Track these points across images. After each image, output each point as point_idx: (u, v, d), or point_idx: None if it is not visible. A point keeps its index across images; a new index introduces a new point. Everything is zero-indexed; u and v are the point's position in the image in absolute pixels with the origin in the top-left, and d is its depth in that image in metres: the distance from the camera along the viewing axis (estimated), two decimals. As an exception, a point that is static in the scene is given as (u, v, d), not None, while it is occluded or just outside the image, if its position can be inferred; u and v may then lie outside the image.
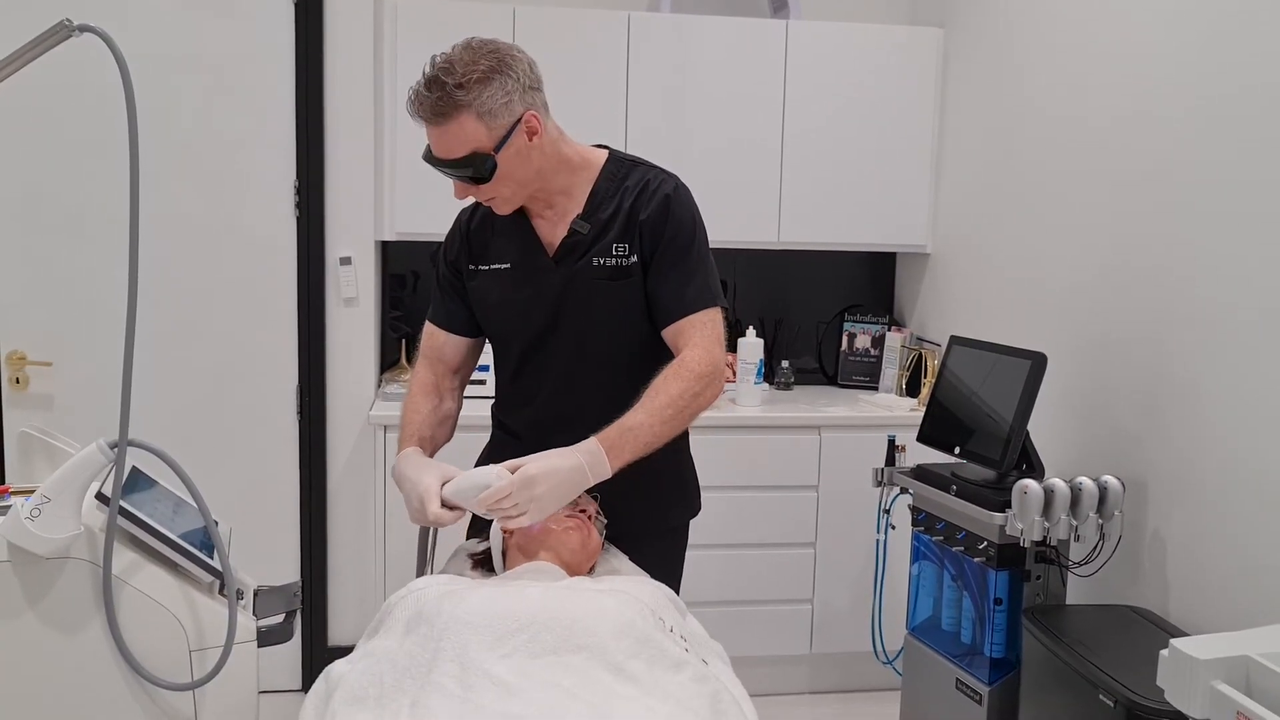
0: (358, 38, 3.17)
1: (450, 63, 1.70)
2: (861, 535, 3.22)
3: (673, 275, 1.87)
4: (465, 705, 1.31)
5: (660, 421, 1.73)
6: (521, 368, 1.98)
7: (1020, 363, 2.47)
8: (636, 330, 1.91)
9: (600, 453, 1.68)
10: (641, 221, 1.87)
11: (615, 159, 1.94)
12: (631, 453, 1.71)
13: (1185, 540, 2.29)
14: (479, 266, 1.96)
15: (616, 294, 1.89)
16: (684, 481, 2.08)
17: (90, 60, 1.76)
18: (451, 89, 1.69)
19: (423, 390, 2.00)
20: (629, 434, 1.71)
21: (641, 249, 1.88)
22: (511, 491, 1.63)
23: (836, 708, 3.32)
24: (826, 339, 3.85)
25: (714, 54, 3.37)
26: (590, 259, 1.88)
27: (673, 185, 1.91)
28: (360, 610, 3.31)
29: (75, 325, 3.10)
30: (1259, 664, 1.48)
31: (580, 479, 1.67)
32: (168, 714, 1.49)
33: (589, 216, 1.89)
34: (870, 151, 3.49)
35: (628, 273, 1.88)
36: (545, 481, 1.64)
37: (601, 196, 1.90)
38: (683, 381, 1.77)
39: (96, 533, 1.45)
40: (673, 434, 1.77)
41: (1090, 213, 2.68)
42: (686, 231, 1.89)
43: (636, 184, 1.90)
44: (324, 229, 3.21)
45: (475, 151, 1.73)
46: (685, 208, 1.90)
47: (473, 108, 1.70)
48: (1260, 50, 2.11)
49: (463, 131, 1.72)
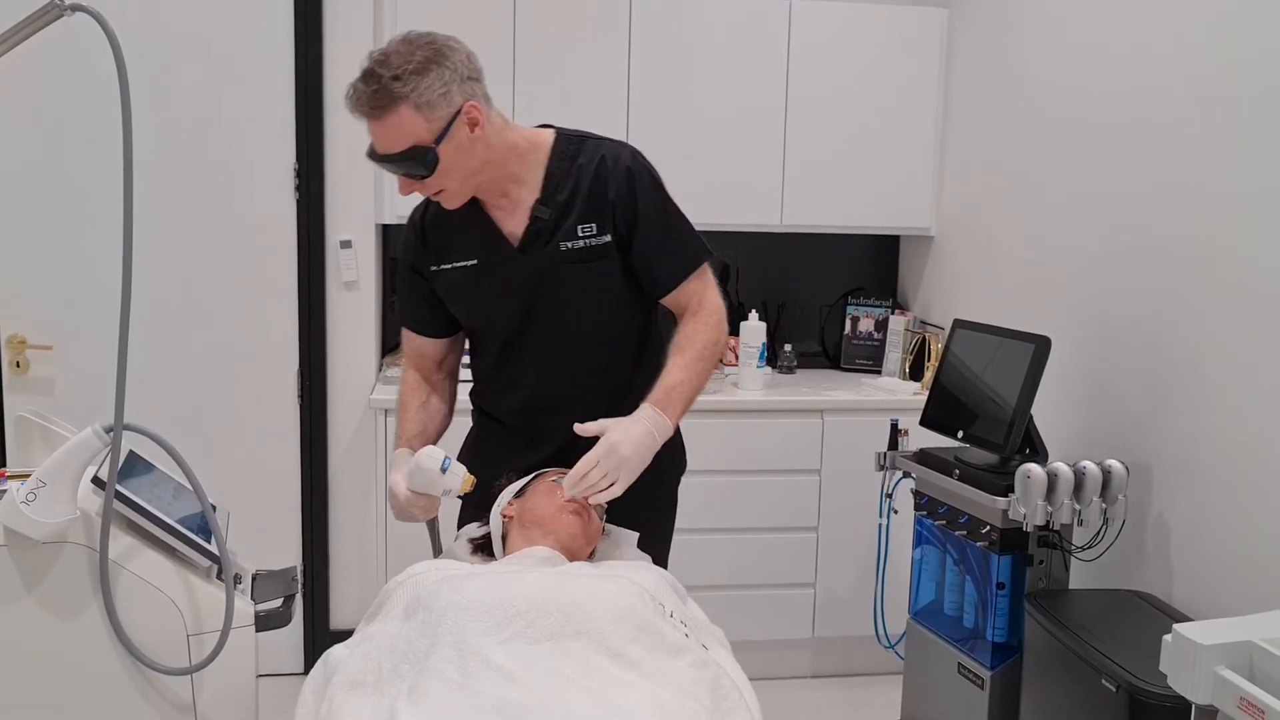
0: (357, 19, 3.15)
1: (386, 55, 1.69)
2: (864, 519, 3.22)
3: (659, 245, 1.89)
4: (463, 691, 1.30)
5: (696, 374, 1.85)
6: (504, 358, 1.97)
7: (1024, 346, 2.45)
8: (617, 307, 1.93)
9: (658, 414, 1.78)
10: (611, 200, 1.86)
11: (563, 137, 1.92)
12: (681, 408, 1.83)
13: (1189, 525, 2.28)
14: (441, 266, 1.94)
15: (591, 275, 1.88)
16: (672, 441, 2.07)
17: (91, 43, 1.74)
18: (388, 81, 1.67)
19: (409, 391, 2.02)
20: (674, 391, 1.82)
21: (616, 228, 1.87)
22: (599, 461, 1.70)
23: (838, 692, 3.32)
24: (829, 322, 3.84)
25: (717, 34, 3.34)
26: (557, 244, 1.87)
27: (629, 155, 1.90)
28: (361, 594, 3.31)
29: (76, 309, 3.09)
30: (1263, 649, 1.47)
31: (652, 441, 1.76)
32: (166, 698, 1.49)
33: (547, 201, 1.87)
34: (874, 134, 3.46)
35: (601, 253, 1.88)
36: (628, 445, 1.72)
37: (557, 179, 1.88)
38: (707, 330, 1.89)
39: (93, 517, 1.45)
40: (705, 383, 1.89)
41: (1094, 196, 2.66)
42: (658, 199, 1.90)
43: (590, 160, 1.88)
44: (324, 212, 3.20)
45: (416, 145, 1.71)
46: (647, 174, 1.91)
47: (410, 99, 1.68)
48: (1263, 40, 2.08)
49: (402, 125, 1.69)
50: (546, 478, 1.81)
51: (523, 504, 1.77)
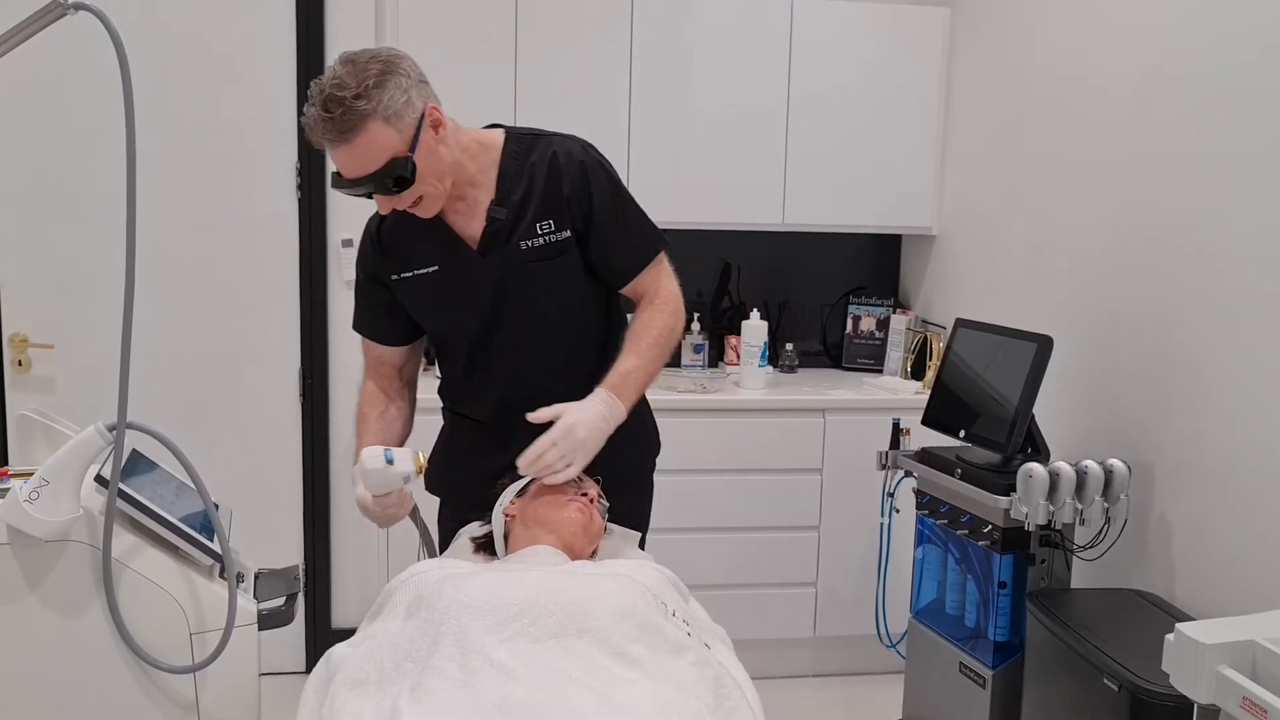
0: (359, 18, 3.14)
1: (340, 79, 1.66)
2: (865, 519, 3.21)
3: (614, 236, 1.91)
4: (466, 689, 1.30)
5: (650, 360, 1.88)
6: (472, 361, 1.96)
7: (1026, 345, 2.45)
8: (582, 301, 1.94)
9: (612, 398, 1.80)
10: (567, 196, 1.87)
11: (513, 136, 1.92)
12: (634, 393, 1.84)
13: (1191, 524, 2.28)
14: (402, 274, 1.93)
15: (553, 272, 1.89)
16: (645, 426, 2.09)
17: (94, 42, 1.74)
18: (351, 101, 1.65)
19: (368, 403, 2.01)
20: (629, 377, 1.84)
21: (574, 222, 1.88)
22: (556, 443, 1.71)
23: (840, 691, 3.32)
24: (831, 321, 3.84)
25: (718, 33, 3.34)
26: (516, 243, 1.87)
27: (581, 148, 1.91)
28: (363, 593, 3.31)
29: (78, 308, 3.09)
30: (1265, 649, 1.47)
31: (606, 425, 1.78)
32: (169, 696, 1.49)
33: (502, 201, 1.87)
34: (876, 133, 3.46)
35: (561, 249, 1.88)
36: (584, 428, 1.74)
37: (510, 178, 1.88)
38: (662, 317, 1.91)
39: (96, 515, 1.45)
40: (659, 369, 1.91)
41: (1096, 195, 2.66)
42: (612, 191, 1.91)
43: (543, 157, 1.88)
44: (326, 211, 3.20)
45: (394, 158, 1.70)
46: (601, 168, 1.91)
47: (378, 114, 1.67)
48: (1264, 38, 2.08)
49: (375, 142, 1.68)
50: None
51: (525, 503, 1.77)
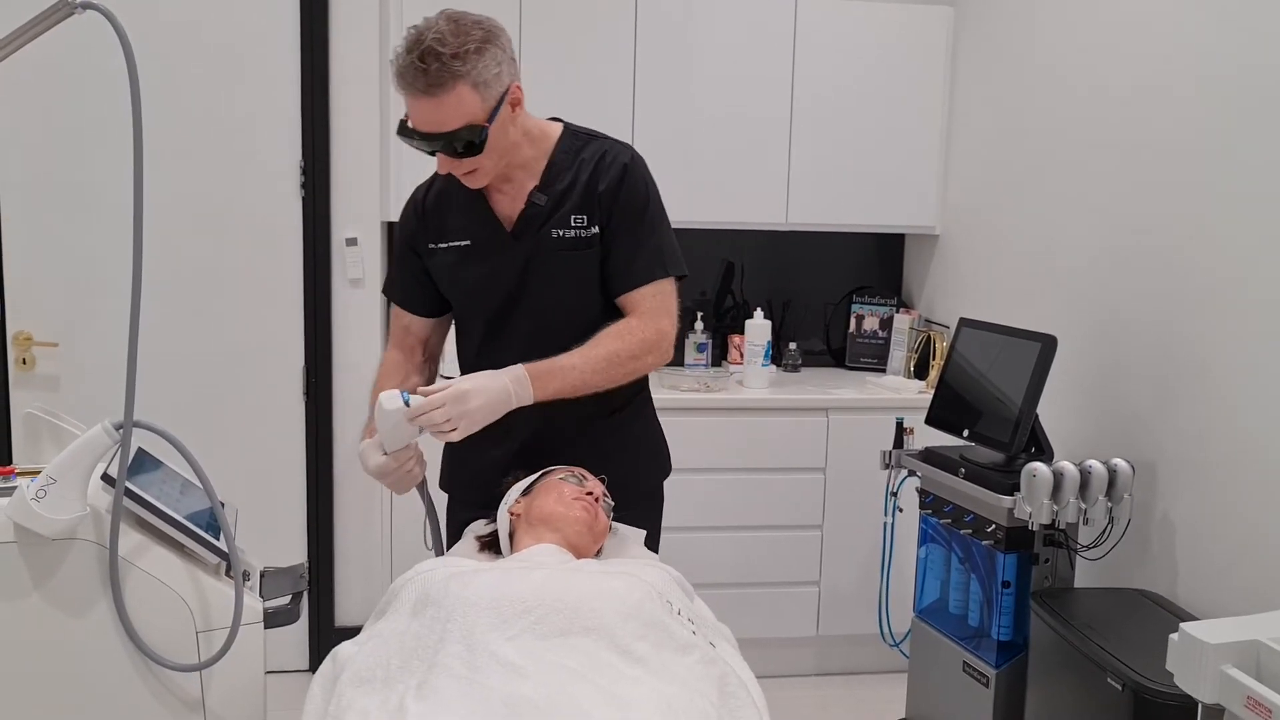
0: (363, 17, 3.15)
1: (442, 35, 1.69)
2: (869, 518, 3.22)
3: (625, 243, 1.89)
4: (472, 686, 1.30)
5: (592, 370, 1.81)
6: (486, 342, 1.97)
7: (1030, 345, 2.45)
8: (597, 300, 1.93)
9: (526, 380, 1.76)
10: (601, 192, 1.88)
11: (571, 132, 1.94)
12: (557, 389, 1.79)
13: (1194, 523, 2.28)
14: (438, 244, 1.95)
15: (576, 265, 1.89)
16: (654, 444, 2.08)
17: (98, 40, 1.75)
18: (448, 59, 1.68)
19: (387, 372, 2.01)
20: (559, 371, 1.79)
21: (602, 219, 1.88)
22: (445, 405, 1.69)
23: (843, 690, 3.32)
24: (834, 321, 3.84)
25: (723, 31, 3.34)
26: (549, 230, 1.88)
27: (629, 155, 1.91)
28: (367, 591, 3.31)
29: (82, 306, 3.10)
30: (1270, 648, 1.48)
31: (506, 400, 1.75)
32: (175, 695, 1.49)
33: (545, 189, 1.89)
34: (879, 132, 3.46)
35: (588, 243, 1.89)
36: (478, 397, 1.72)
37: (558, 169, 1.90)
38: (623, 342, 1.84)
39: (102, 514, 1.45)
40: (602, 385, 1.84)
41: (1100, 194, 2.65)
42: (640, 200, 1.90)
43: (593, 156, 1.90)
44: (330, 210, 3.20)
45: (470, 123, 1.73)
46: (641, 177, 1.91)
47: (469, 78, 1.70)
48: (1269, 39, 2.08)
49: (460, 103, 1.71)
50: (554, 475, 1.82)
51: (530, 501, 1.77)
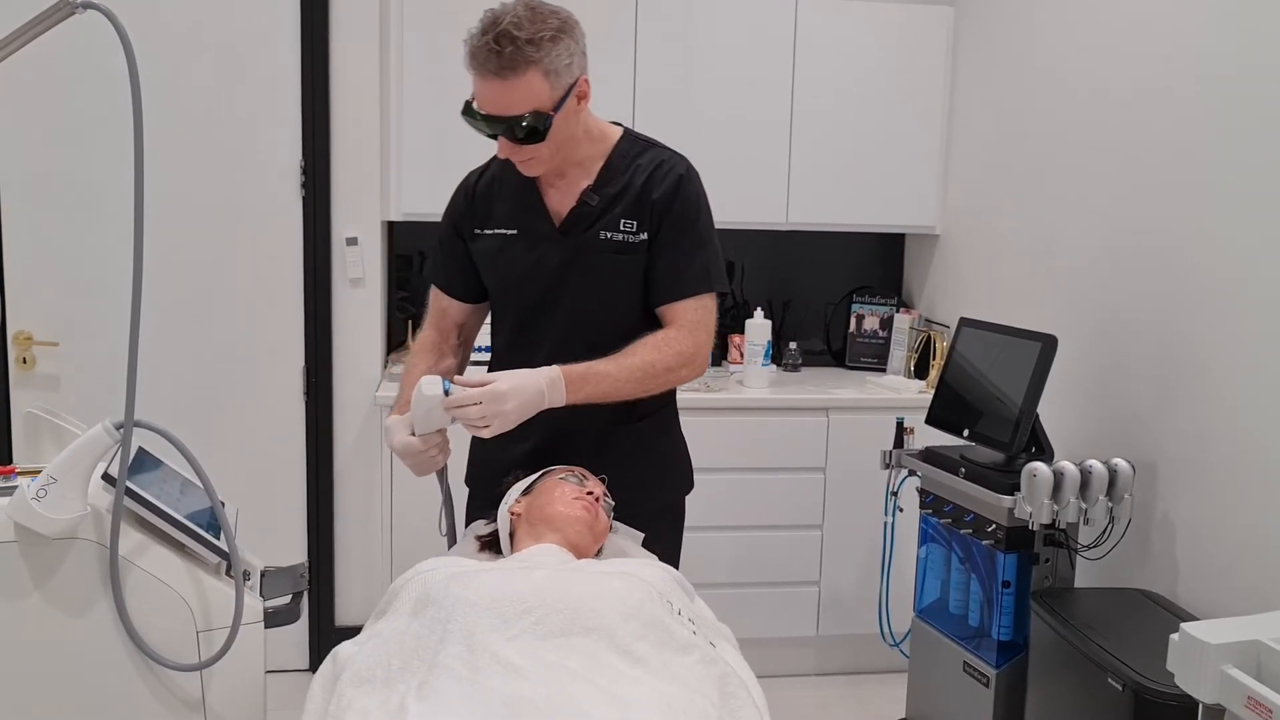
0: (363, 17, 3.14)
1: (519, 19, 1.71)
2: (869, 518, 3.21)
3: (672, 254, 1.89)
4: (473, 687, 1.30)
5: (626, 379, 1.81)
6: (516, 336, 1.98)
7: (1030, 345, 2.45)
8: (636, 307, 1.93)
9: (561, 383, 1.76)
10: (654, 200, 1.88)
11: (630, 137, 1.95)
12: (589, 394, 1.79)
13: (1195, 523, 2.28)
14: (483, 230, 1.96)
15: (620, 269, 1.89)
16: (676, 459, 2.08)
17: (98, 40, 1.75)
18: (523, 44, 1.69)
19: (421, 350, 2.03)
20: (593, 377, 1.79)
21: (651, 227, 1.89)
22: (481, 402, 1.70)
23: (843, 690, 3.32)
24: (834, 320, 3.84)
25: (723, 31, 3.34)
26: (597, 231, 1.89)
27: (685, 167, 1.93)
28: (367, 590, 3.31)
29: (82, 305, 3.10)
30: (1270, 648, 1.48)
31: (539, 401, 1.75)
32: (175, 694, 1.49)
33: (599, 189, 1.89)
34: (880, 132, 3.46)
35: (635, 249, 1.89)
36: (513, 398, 1.72)
37: (613, 171, 1.90)
38: (660, 354, 1.84)
39: (103, 513, 1.45)
40: (635, 394, 1.85)
41: (1100, 194, 2.65)
42: (691, 212, 1.90)
43: (650, 163, 1.91)
44: (330, 209, 3.20)
45: (536, 110, 1.73)
46: (695, 190, 1.92)
47: (540, 65, 1.72)
48: (1270, 39, 2.08)
49: (529, 89, 1.72)
50: (554, 475, 1.82)
51: (531, 501, 1.77)
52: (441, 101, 3.20)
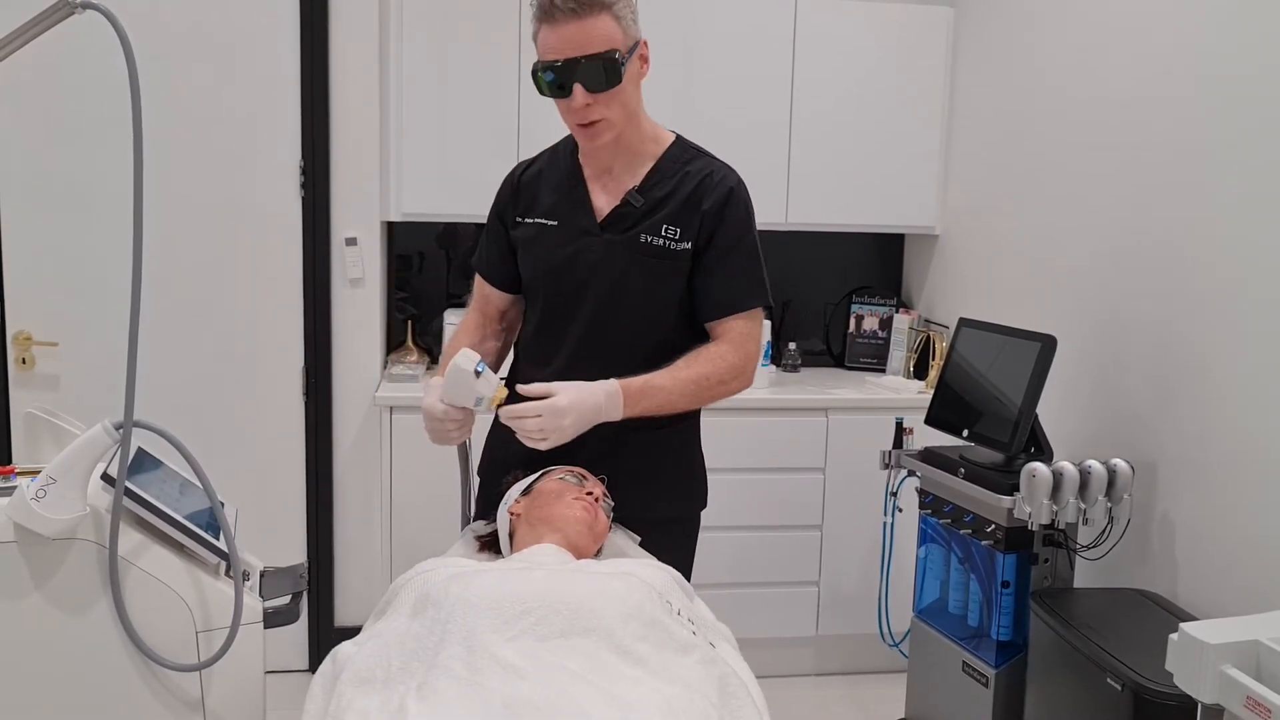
0: (363, 17, 3.14)
1: None
2: (868, 518, 3.22)
3: (721, 270, 1.90)
4: (473, 687, 1.30)
5: (681, 393, 1.84)
6: (542, 327, 1.98)
7: (1029, 345, 2.45)
8: (665, 314, 1.91)
9: (619, 397, 1.77)
10: (704, 211, 1.88)
11: (681, 143, 1.96)
12: (645, 408, 1.81)
13: (1194, 523, 2.28)
14: (525, 218, 1.97)
15: (656, 274, 1.88)
16: (692, 472, 2.06)
17: (97, 40, 1.75)
18: None
19: (466, 330, 2.05)
20: (650, 391, 1.81)
21: (697, 238, 1.88)
22: (542, 415, 1.70)
23: (843, 689, 3.32)
24: (834, 321, 3.84)
25: (723, 31, 3.34)
26: (638, 233, 1.88)
27: (736, 179, 1.93)
28: (367, 591, 3.31)
29: (81, 305, 3.10)
30: (1269, 648, 1.48)
31: (596, 416, 1.76)
32: (175, 695, 1.49)
33: (644, 191, 1.89)
34: (879, 132, 3.46)
35: (675, 256, 1.88)
36: (572, 414, 1.73)
37: (661, 175, 1.90)
38: (714, 367, 1.86)
39: (102, 514, 1.45)
40: (687, 408, 1.89)
41: (1099, 194, 2.66)
42: (742, 225, 1.91)
43: (699, 172, 1.91)
44: (330, 210, 3.20)
45: (613, 48, 1.75)
46: (744, 203, 1.93)
47: (613, 9, 1.75)
48: (1268, 40, 2.08)
49: (604, 29, 1.74)
50: (554, 475, 1.82)
51: (530, 501, 1.77)
52: (441, 102, 3.21)
